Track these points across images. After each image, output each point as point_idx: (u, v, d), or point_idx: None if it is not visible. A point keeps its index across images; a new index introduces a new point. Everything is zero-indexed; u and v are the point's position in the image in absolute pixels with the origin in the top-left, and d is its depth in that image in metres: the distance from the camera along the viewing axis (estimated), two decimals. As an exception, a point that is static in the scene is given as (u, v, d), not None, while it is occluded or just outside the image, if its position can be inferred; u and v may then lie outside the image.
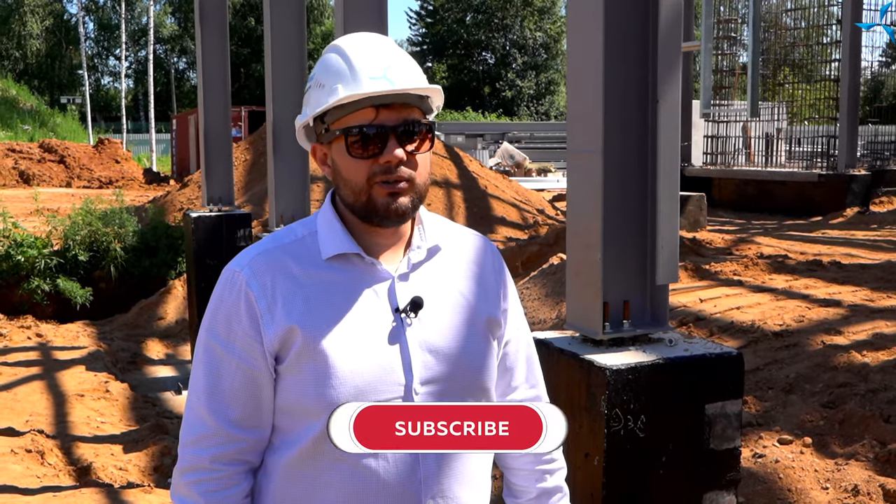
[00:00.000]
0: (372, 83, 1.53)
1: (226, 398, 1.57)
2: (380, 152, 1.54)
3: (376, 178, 1.55)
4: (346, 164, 1.58)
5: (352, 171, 1.57)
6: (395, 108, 1.55)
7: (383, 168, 1.55)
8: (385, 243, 1.63)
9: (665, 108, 3.07)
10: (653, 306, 3.25)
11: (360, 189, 1.57)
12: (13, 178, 24.39)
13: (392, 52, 1.60)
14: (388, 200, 1.55)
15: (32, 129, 33.52)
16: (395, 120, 1.55)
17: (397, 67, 1.57)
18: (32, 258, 10.22)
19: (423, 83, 1.59)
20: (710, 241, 10.55)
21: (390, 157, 1.54)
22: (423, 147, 1.58)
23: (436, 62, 59.49)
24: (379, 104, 1.54)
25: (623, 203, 3.11)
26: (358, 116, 1.55)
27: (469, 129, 35.97)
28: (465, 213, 13.82)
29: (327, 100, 1.56)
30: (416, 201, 1.59)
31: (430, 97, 1.62)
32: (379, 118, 1.55)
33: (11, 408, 6.98)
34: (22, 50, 53.19)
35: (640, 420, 2.98)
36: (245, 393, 1.57)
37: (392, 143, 1.54)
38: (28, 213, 13.44)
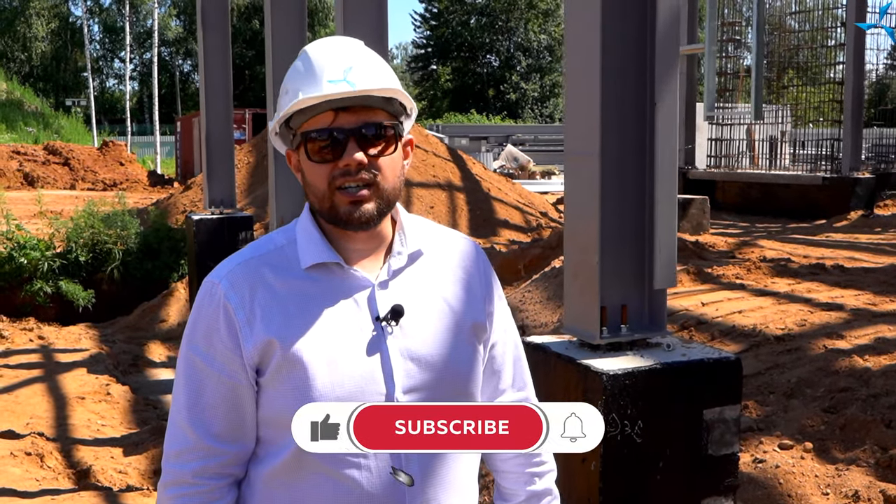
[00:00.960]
0: (330, 86, 1.51)
1: (207, 412, 1.56)
2: (338, 157, 1.52)
3: (336, 181, 1.53)
4: (308, 169, 1.56)
5: (314, 176, 1.55)
6: (356, 111, 1.52)
7: (343, 171, 1.52)
8: (364, 249, 1.61)
9: (663, 111, 3.06)
10: (651, 310, 3.23)
11: (323, 195, 1.55)
12: (18, 180, 24.43)
13: (356, 54, 1.57)
14: (351, 209, 1.53)
15: (37, 131, 33.58)
16: (354, 122, 1.52)
17: (359, 69, 1.53)
18: (35, 260, 10.24)
19: (384, 84, 1.54)
20: (713, 245, 10.52)
21: (349, 160, 1.51)
22: (387, 150, 1.55)
23: (440, 65, 59.54)
24: (338, 107, 1.52)
25: (620, 206, 3.09)
26: (318, 120, 1.53)
27: (473, 131, 35.99)
28: (467, 216, 13.81)
29: (287, 104, 1.54)
30: (383, 206, 1.56)
31: (400, 100, 1.58)
32: (337, 121, 1.52)
33: (12, 410, 6.98)
34: (27, 52, 53.31)
35: (637, 425, 2.96)
36: (226, 406, 1.56)
37: (351, 146, 1.51)
38: (32, 216, 13.46)
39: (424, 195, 13.94)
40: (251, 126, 27.81)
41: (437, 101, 59.30)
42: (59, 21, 54.96)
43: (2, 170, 24.39)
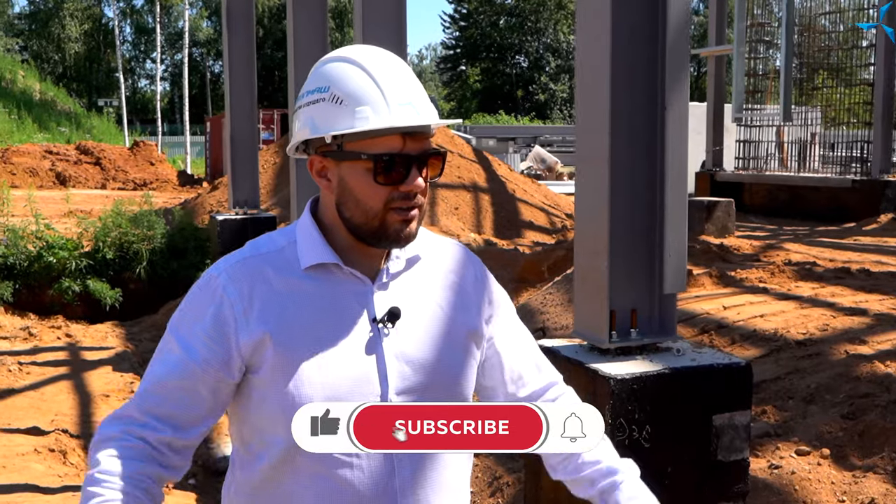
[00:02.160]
0: (402, 113, 1.53)
1: (163, 394, 1.56)
2: (401, 180, 1.54)
3: (393, 203, 1.55)
4: (363, 187, 1.56)
5: (369, 195, 1.56)
6: (418, 138, 1.56)
7: (402, 195, 1.55)
8: (364, 253, 1.63)
9: (673, 115, 3.05)
10: (661, 315, 3.23)
11: (375, 214, 1.56)
12: (50, 179, 24.74)
13: (411, 76, 1.61)
14: (401, 227, 1.56)
15: (70, 131, 34.02)
16: (418, 149, 1.55)
17: (420, 95, 1.58)
18: (64, 259, 10.37)
19: (438, 117, 1.60)
20: (738, 248, 10.44)
21: (413, 186, 1.54)
22: (434, 174, 1.60)
23: (469, 65, 59.56)
24: (406, 132, 1.54)
25: (630, 211, 3.09)
26: (385, 143, 1.54)
27: (500, 132, 35.93)
28: (492, 218, 13.81)
29: (353, 123, 1.53)
30: (420, 224, 1.62)
31: (442, 125, 1.64)
32: (406, 148, 1.54)
33: (38, 407, 7.08)
34: (61, 53, 54.04)
35: (645, 430, 2.96)
36: (184, 392, 1.56)
37: (414, 172, 1.55)
38: (62, 215, 13.66)
39: (449, 196, 13.96)
40: (279, 127, 27.98)
41: (465, 101, 59.34)
42: (91, 22, 55.63)
43: (35, 169, 24.71)
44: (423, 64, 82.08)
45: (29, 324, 9.84)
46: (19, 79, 37.47)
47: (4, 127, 31.51)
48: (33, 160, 25.19)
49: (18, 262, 10.23)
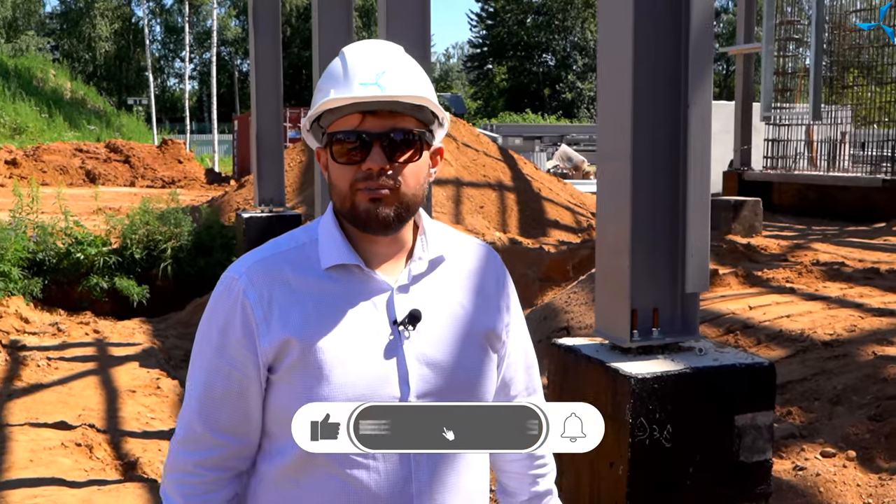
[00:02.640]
0: (361, 88, 1.51)
1: (214, 404, 1.58)
2: (362, 160, 1.53)
3: (358, 184, 1.53)
4: (333, 169, 1.57)
5: (337, 177, 1.56)
6: (383, 116, 1.53)
7: (365, 175, 1.53)
8: (385, 253, 1.61)
9: (696, 113, 3.03)
10: (683, 314, 3.20)
11: (345, 195, 1.55)
12: (80, 176, 25.00)
13: (392, 59, 1.57)
14: (370, 207, 1.53)
15: (99, 129, 34.36)
16: (380, 127, 1.52)
17: (392, 74, 1.53)
18: (92, 256, 10.48)
19: (414, 91, 1.54)
20: (765, 247, 10.34)
21: (371, 164, 1.52)
22: (413, 157, 1.55)
23: (496, 64, 59.47)
24: (366, 110, 1.52)
25: (652, 210, 3.07)
26: (345, 122, 1.54)
27: (527, 131, 35.87)
28: (517, 216, 13.78)
29: (317, 103, 1.56)
30: (401, 211, 1.55)
31: (430, 108, 1.58)
32: (363, 125, 1.52)
33: (66, 402, 7.16)
34: (91, 52, 54.59)
35: (666, 430, 2.94)
36: (233, 401, 1.58)
37: (376, 150, 1.52)
38: (91, 212, 13.80)
39: (475, 195, 13.95)
40: (307, 125, 28.05)
41: (492, 100, 59.27)
42: (122, 21, 56.16)
43: (65, 167, 24.99)
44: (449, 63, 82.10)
45: (58, 320, 9.95)
46: (50, 78, 37.91)
47: (36, 125, 31.88)
48: (64, 158, 25.47)
49: (48, 259, 10.36)
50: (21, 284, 9.89)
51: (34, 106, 33.09)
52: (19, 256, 9.97)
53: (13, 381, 7.75)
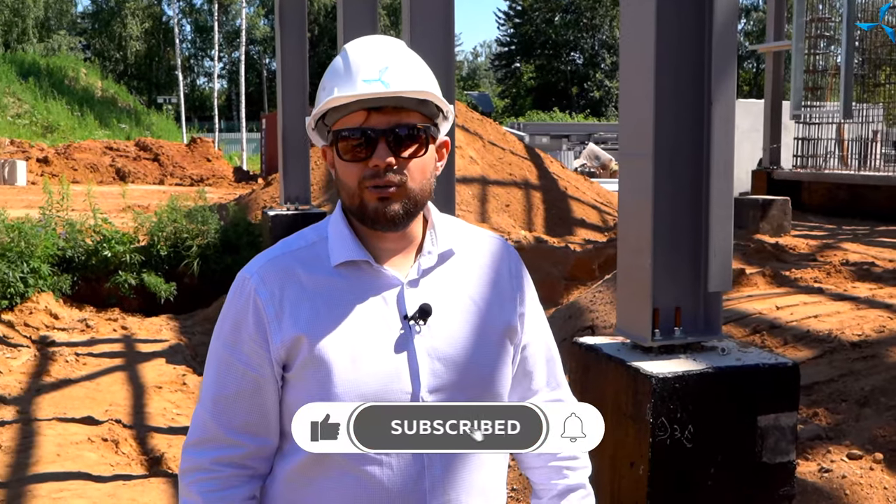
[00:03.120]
0: (364, 85, 1.51)
1: (229, 404, 1.58)
2: (368, 156, 1.53)
3: (366, 181, 1.53)
4: (340, 167, 1.57)
5: (345, 174, 1.56)
6: (388, 112, 1.53)
7: (372, 172, 1.53)
8: (394, 248, 1.61)
9: (719, 110, 3.00)
10: (706, 313, 3.17)
11: (353, 193, 1.56)
12: (110, 174, 25.27)
13: (394, 54, 1.56)
14: (378, 205, 1.54)
15: (129, 127, 34.71)
16: (385, 124, 1.52)
17: (395, 70, 1.53)
18: (120, 253, 10.57)
19: (418, 86, 1.54)
20: (794, 247, 10.24)
21: (378, 161, 1.52)
22: (418, 152, 1.55)
23: (524, 62, 59.33)
24: (370, 107, 1.52)
25: (674, 208, 3.04)
26: (350, 119, 1.54)
27: (554, 129, 35.79)
28: (543, 215, 13.75)
29: (322, 102, 1.55)
30: (410, 207, 1.56)
31: (434, 102, 1.57)
32: (369, 122, 1.52)
33: (93, 398, 7.24)
34: (122, 51, 55.14)
35: (687, 430, 2.91)
36: (249, 400, 1.58)
37: (381, 147, 1.52)
38: (120, 209, 13.92)
39: (500, 193, 13.92)
40: (334, 123, 28.12)
41: (519, 99, 59.17)
42: (152, 21, 56.65)
43: (95, 165, 25.26)
44: (477, 61, 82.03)
45: (86, 316, 10.06)
46: (81, 77, 38.32)
47: (67, 124, 32.26)
48: (94, 156, 25.74)
49: (77, 256, 10.47)
50: (51, 281, 10.01)
51: (66, 105, 33.49)
52: (49, 253, 10.08)
53: (42, 376, 7.84)
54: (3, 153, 25.63)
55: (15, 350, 8.45)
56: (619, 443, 3.03)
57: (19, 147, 26.63)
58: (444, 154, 1.66)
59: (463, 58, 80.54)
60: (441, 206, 5.44)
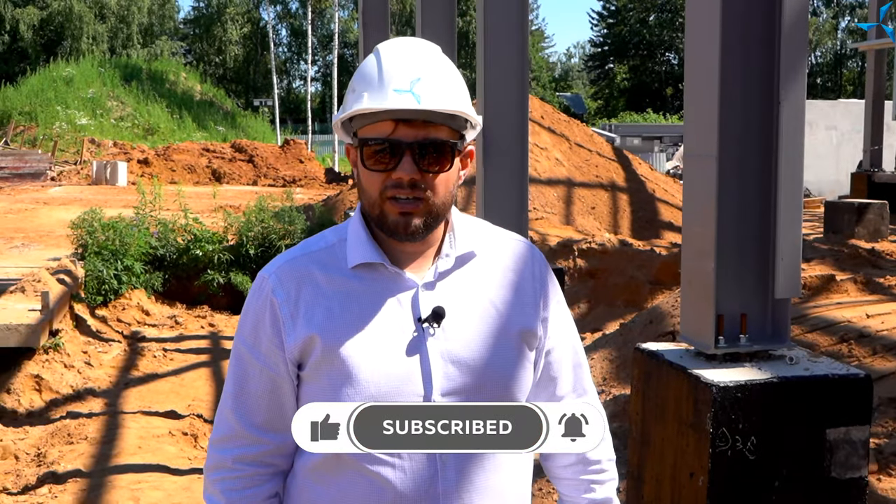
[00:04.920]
0: (395, 97, 1.49)
1: (250, 402, 1.60)
2: (393, 168, 1.51)
3: (388, 192, 1.53)
4: (363, 174, 1.56)
5: (367, 182, 1.56)
6: (416, 125, 1.51)
7: (395, 183, 1.52)
8: (412, 251, 1.60)
9: (788, 110, 2.88)
10: (774, 321, 3.05)
11: (374, 202, 1.55)
12: (206, 175, 25.97)
13: (428, 63, 1.54)
14: (399, 220, 1.53)
15: (226, 129, 35.63)
16: (412, 137, 1.51)
17: (427, 82, 1.51)
18: (210, 252, 10.85)
19: (449, 104, 1.52)
20: (891, 253, 9.81)
21: (401, 174, 1.51)
22: (443, 167, 1.54)
23: (617, 63, 58.64)
24: (399, 118, 1.51)
25: (740, 211, 2.94)
26: (377, 128, 1.53)
27: (647, 131, 35.24)
28: (630, 217, 13.53)
29: (352, 106, 1.55)
30: (430, 220, 1.55)
31: (465, 116, 1.56)
32: (396, 133, 1.51)
33: (177, 392, 7.44)
34: (222, 55, 56.71)
35: (749, 441, 2.81)
36: (268, 398, 1.60)
37: (406, 160, 1.50)
38: (212, 210, 14.29)
39: (586, 195, 13.77)
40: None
41: (612, 100, 58.50)
42: (251, 25, 58.09)
43: (193, 166, 26.02)
44: (570, 62, 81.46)
45: (176, 313, 10.36)
46: (182, 80, 39.53)
47: (167, 126, 33.33)
48: (191, 157, 26.51)
49: (168, 255, 10.79)
50: (143, 278, 10.34)
51: (166, 107, 34.59)
52: (142, 252, 10.42)
53: (130, 370, 8.11)
54: (107, 155, 26.65)
55: (106, 345, 8.75)
56: (680, 452, 2.94)
57: (122, 149, 27.65)
58: (468, 163, 1.64)
59: (556, 59, 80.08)
60: (514, 209, 5.27)
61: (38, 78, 33.46)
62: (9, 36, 44.56)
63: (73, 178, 24.54)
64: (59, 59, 37.29)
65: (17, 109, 30.42)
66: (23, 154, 24.60)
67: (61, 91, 32.05)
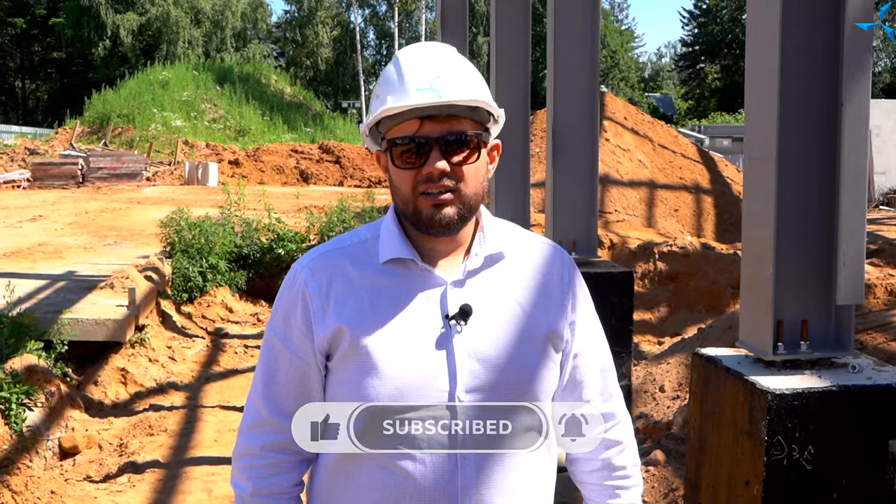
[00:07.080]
0: (417, 95, 1.55)
1: (280, 390, 1.65)
2: (422, 164, 1.56)
3: (420, 187, 1.57)
4: (395, 173, 1.61)
5: (399, 181, 1.60)
6: (441, 120, 1.56)
7: (426, 178, 1.57)
8: (443, 249, 1.64)
9: (851, 111, 2.80)
10: (837, 328, 2.97)
11: (407, 199, 1.60)
12: (294, 176, 26.48)
13: (446, 62, 1.59)
14: (433, 212, 1.57)
15: (315, 131, 36.22)
16: (438, 132, 1.56)
17: (447, 78, 1.56)
18: (292, 252, 11.08)
19: (470, 95, 1.57)
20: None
21: (431, 168, 1.56)
22: (470, 158, 1.59)
23: (708, 63, 57.50)
24: (424, 115, 1.56)
25: (800, 214, 2.87)
26: (403, 128, 1.58)
27: (738, 132, 34.35)
28: (713, 220, 13.28)
29: (377, 110, 1.60)
30: (464, 212, 1.59)
31: (485, 108, 1.60)
32: (422, 130, 1.56)
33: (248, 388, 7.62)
34: (312, 58, 57.71)
35: (807, 451, 2.74)
36: (297, 386, 1.65)
37: (435, 154, 1.56)
38: (296, 210, 14.57)
39: (669, 197, 13.56)
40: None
41: (703, 100, 57.38)
42: (340, 28, 58.96)
43: (281, 167, 26.55)
44: (661, 62, 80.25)
45: (258, 310, 10.61)
46: (272, 83, 40.38)
47: (258, 128, 34.08)
48: (280, 158, 27.06)
49: (252, 253, 11.05)
50: (227, 276, 10.62)
51: (257, 109, 35.36)
52: (226, 250, 10.70)
53: (212, 365, 8.34)
54: (199, 156, 27.42)
55: (190, 340, 9.02)
56: (736, 460, 2.89)
57: (213, 150, 28.41)
58: (496, 157, 1.68)
59: (646, 59, 79.05)
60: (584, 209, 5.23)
61: (136, 81, 34.62)
62: (110, 41, 46.20)
63: (166, 179, 25.34)
64: (157, 63, 38.52)
65: (116, 112, 31.55)
66: (120, 155, 25.49)
67: (158, 94, 33.11)
